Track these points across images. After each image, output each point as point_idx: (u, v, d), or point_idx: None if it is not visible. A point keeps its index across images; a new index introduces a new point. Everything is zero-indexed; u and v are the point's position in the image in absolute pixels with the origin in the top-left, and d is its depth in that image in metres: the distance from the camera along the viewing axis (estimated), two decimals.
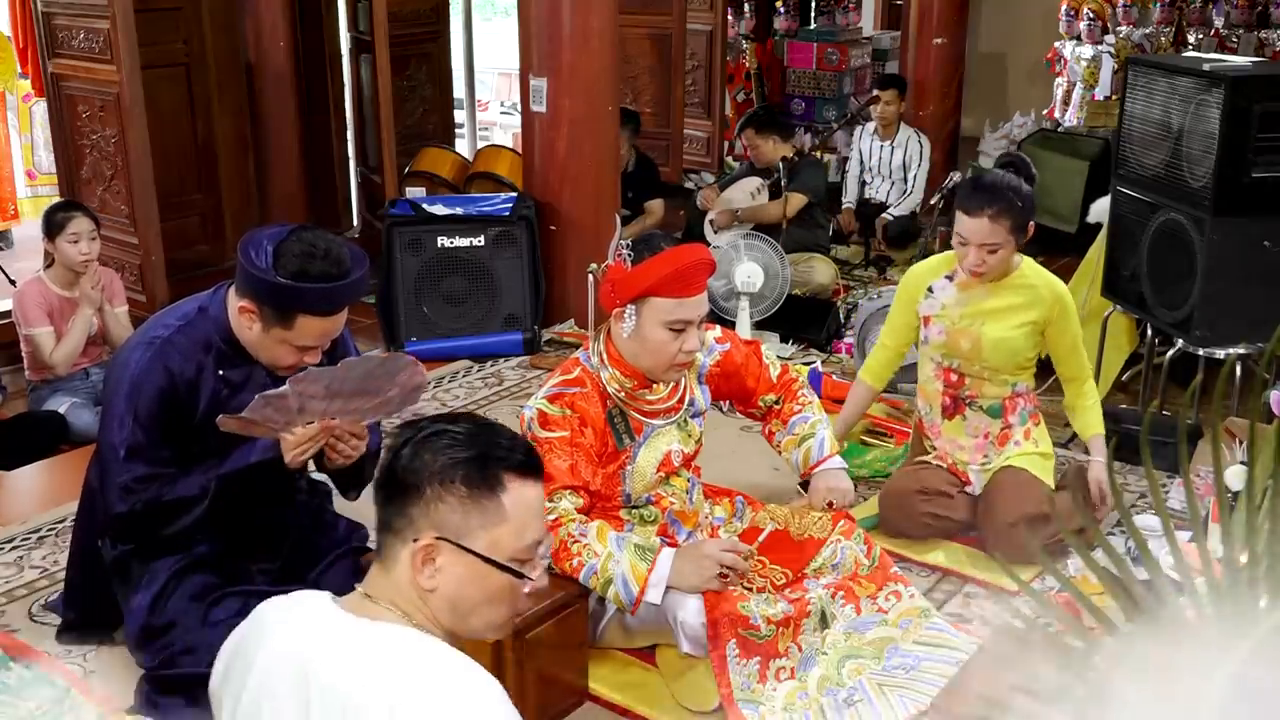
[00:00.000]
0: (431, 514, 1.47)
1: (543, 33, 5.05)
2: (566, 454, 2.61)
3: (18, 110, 6.98)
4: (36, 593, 3.13)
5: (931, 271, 3.41)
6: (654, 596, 2.56)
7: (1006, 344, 3.28)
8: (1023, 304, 3.28)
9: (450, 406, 4.46)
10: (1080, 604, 1.20)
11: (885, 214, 6.49)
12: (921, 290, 3.38)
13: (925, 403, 3.48)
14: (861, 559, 2.82)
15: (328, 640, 1.45)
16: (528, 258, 5.01)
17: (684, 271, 2.58)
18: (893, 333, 3.52)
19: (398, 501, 1.49)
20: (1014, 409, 3.36)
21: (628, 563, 2.54)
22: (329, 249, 2.45)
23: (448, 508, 1.47)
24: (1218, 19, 8.79)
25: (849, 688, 2.65)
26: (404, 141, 6.32)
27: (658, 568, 2.56)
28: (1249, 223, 3.61)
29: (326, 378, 2.38)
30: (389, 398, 2.47)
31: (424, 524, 1.48)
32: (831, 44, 8.53)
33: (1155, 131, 3.90)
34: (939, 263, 3.44)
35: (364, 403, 2.47)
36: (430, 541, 1.47)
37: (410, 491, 1.48)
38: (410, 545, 1.47)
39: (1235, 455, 2.91)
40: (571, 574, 2.56)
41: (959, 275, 3.30)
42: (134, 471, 2.53)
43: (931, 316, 3.34)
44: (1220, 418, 1.30)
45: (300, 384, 2.36)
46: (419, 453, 1.48)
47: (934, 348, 3.37)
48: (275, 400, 2.37)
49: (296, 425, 2.46)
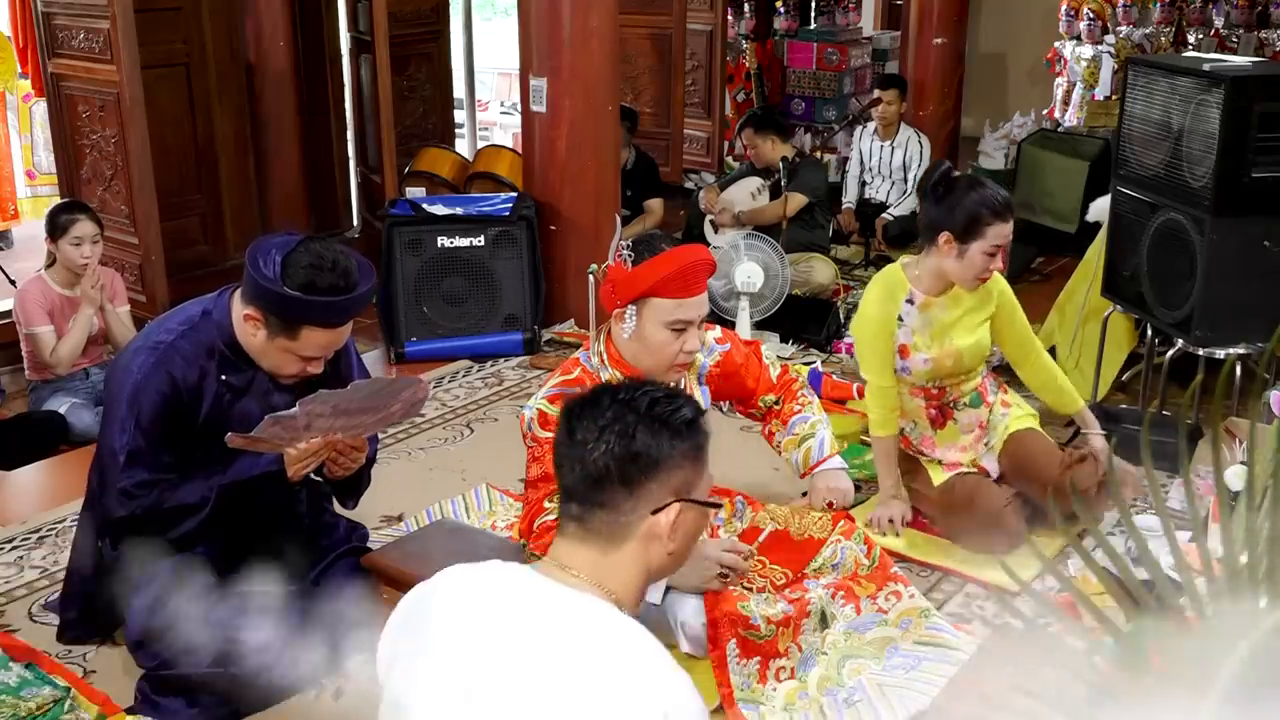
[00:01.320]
0: (670, 480, 1.54)
1: (543, 33, 5.05)
2: None
3: (18, 110, 6.97)
4: (36, 593, 3.13)
5: (890, 299, 3.31)
6: (654, 597, 2.55)
7: (978, 346, 3.35)
8: (976, 304, 3.33)
9: (450, 406, 4.46)
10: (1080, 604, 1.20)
11: (885, 214, 6.50)
12: (894, 321, 3.31)
13: (908, 421, 3.44)
14: (861, 559, 2.82)
15: (523, 603, 1.47)
16: (528, 258, 5.01)
17: (684, 272, 2.58)
18: (882, 370, 3.34)
19: (634, 483, 1.53)
20: (987, 389, 3.46)
21: None
22: (337, 261, 2.45)
23: (680, 470, 1.55)
24: (1218, 19, 8.79)
25: (849, 688, 2.65)
26: (404, 141, 6.32)
27: None
28: (1249, 223, 3.61)
29: (335, 399, 2.41)
30: (391, 412, 2.53)
31: (664, 492, 1.54)
32: (831, 44, 8.53)
33: (1155, 131, 3.90)
34: (886, 290, 3.33)
35: (368, 418, 2.52)
36: (675, 505, 1.54)
37: (649, 469, 1.53)
38: (650, 519, 1.53)
39: (1235, 455, 2.91)
40: None
41: (917, 297, 3.30)
42: (134, 477, 2.54)
43: (909, 346, 3.32)
44: (1220, 418, 1.30)
45: (309, 404, 2.38)
46: (647, 431, 1.53)
47: (919, 376, 3.35)
48: (284, 420, 2.39)
49: (301, 441, 2.48)
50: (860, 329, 3.39)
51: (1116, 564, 1.21)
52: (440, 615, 1.50)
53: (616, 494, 1.52)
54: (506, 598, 1.47)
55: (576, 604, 1.46)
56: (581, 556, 1.54)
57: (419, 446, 4.09)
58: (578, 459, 1.53)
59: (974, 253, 3.18)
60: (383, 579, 2.72)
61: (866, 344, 3.38)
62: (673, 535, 1.55)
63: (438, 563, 2.63)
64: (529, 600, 1.47)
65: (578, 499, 1.54)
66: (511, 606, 1.46)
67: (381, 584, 2.72)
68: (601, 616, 1.46)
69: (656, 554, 1.55)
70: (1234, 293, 3.66)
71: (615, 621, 1.45)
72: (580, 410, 1.55)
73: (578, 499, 1.54)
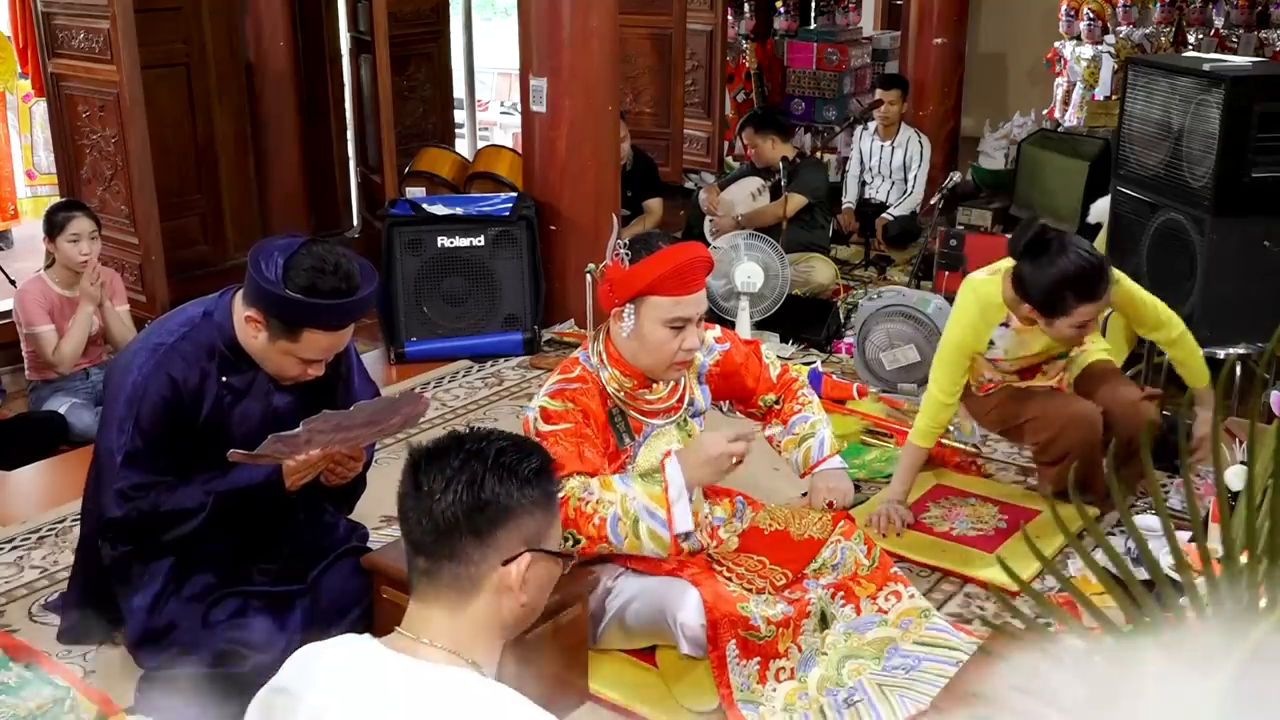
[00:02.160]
0: (520, 530, 1.49)
1: (543, 33, 5.05)
2: (573, 442, 2.60)
3: (18, 110, 6.97)
4: (36, 593, 3.13)
5: (984, 322, 3.25)
6: (683, 519, 2.51)
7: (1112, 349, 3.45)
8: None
9: (450, 406, 4.47)
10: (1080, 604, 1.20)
11: (885, 214, 6.50)
12: (983, 344, 3.29)
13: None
14: (861, 559, 2.82)
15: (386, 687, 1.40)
16: (528, 258, 5.01)
17: (682, 269, 2.58)
18: (952, 388, 3.30)
19: (483, 534, 1.48)
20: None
21: (643, 492, 2.51)
22: (339, 264, 2.46)
23: (531, 519, 1.50)
24: (1218, 19, 8.78)
25: (849, 688, 2.65)
26: (404, 141, 6.32)
27: (671, 484, 2.51)
28: (1249, 223, 3.62)
29: (338, 419, 2.42)
30: (390, 424, 2.54)
31: (514, 542, 1.49)
32: (831, 44, 8.53)
33: (1155, 131, 3.90)
34: (980, 311, 3.26)
35: (367, 430, 2.53)
36: (526, 556, 1.49)
37: (498, 519, 1.48)
38: (500, 570, 1.48)
39: (1235, 455, 2.91)
40: (598, 537, 2.50)
41: (1013, 321, 3.25)
42: (131, 479, 2.54)
43: (1000, 357, 3.32)
44: (1220, 418, 1.30)
45: (313, 423, 2.39)
46: (496, 479, 1.48)
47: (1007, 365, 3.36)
48: (286, 438, 2.41)
49: (300, 453, 2.50)
50: (945, 342, 3.32)
51: (1116, 564, 1.21)
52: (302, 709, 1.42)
53: (466, 545, 1.47)
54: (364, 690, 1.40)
55: (437, 681, 1.40)
56: (435, 621, 1.48)
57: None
58: (425, 511, 1.48)
59: (1059, 326, 3.10)
60: (383, 579, 2.72)
61: (946, 358, 3.30)
62: (524, 587, 1.49)
63: None
64: (391, 684, 1.40)
65: (425, 552, 1.49)
66: (374, 694, 1.39)
67: (381, 584, 2.72)
68: (465, 689, 1.40)
69: (509, 607, 1.49)
70: (1234, 293, 3.66)
71: (480, 692, 1.40)
72: (426, 461, 1.50)
73: (425, 552, 1.49)
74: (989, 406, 3.48)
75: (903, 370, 4.51)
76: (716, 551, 2.86)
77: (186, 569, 2.63)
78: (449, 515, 1.46)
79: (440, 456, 1.50)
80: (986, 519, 3.51)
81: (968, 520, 3.50)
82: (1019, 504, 3.57)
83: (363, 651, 1.45)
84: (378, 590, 2.73)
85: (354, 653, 1.45)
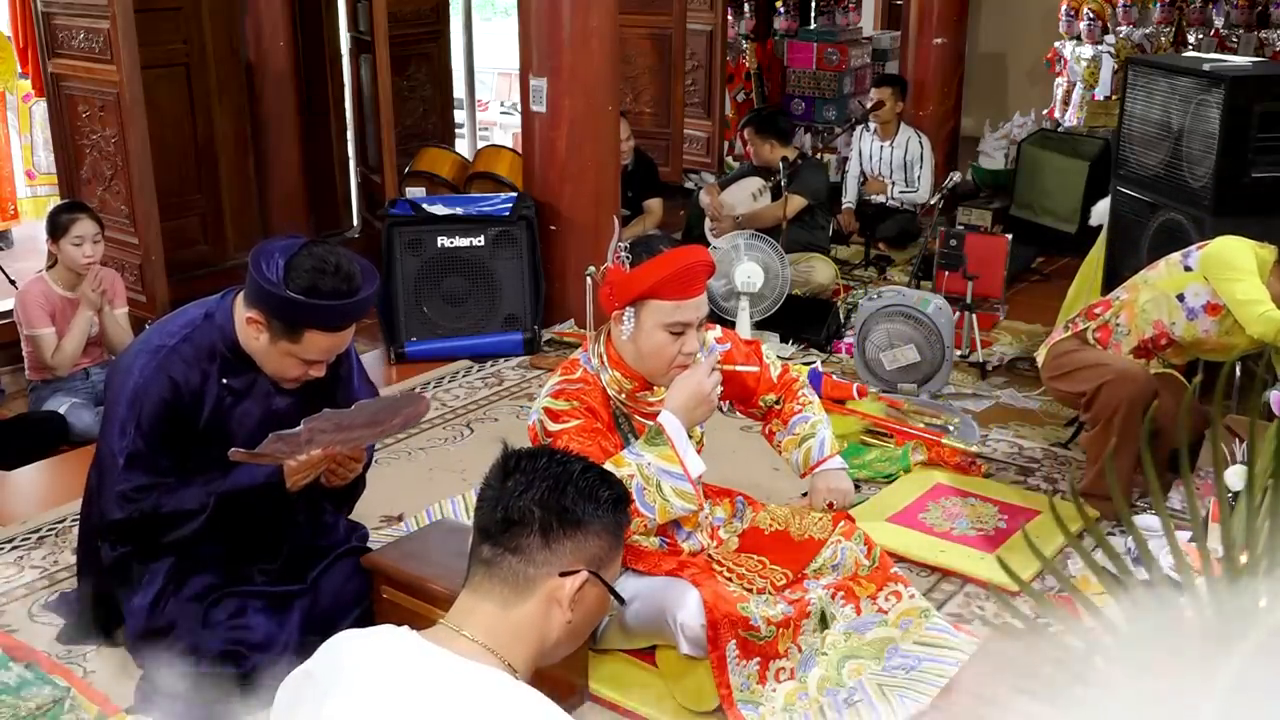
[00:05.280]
0: (584, 548, 1.52)
1: (543, 33, 5.05)
2: (588, 436, 2.59)
3: (18, 110, 6.97)
4: (36, 593, 3.13)
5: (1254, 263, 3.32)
6: (695, 464, 2.58)
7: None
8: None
9: (450, 406, 4.47)
10: (1080, 604, 1.20)
11: (887, 191, 6.50)
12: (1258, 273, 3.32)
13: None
14: (861, 559, 2.82)
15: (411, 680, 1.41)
16: (528, 258, 5.01)
17: (683, 273, 2.58)
18: (1262, 294, 3.27)
19: (550, 538, 1.50)
20: None
21: (654, 455, 2.54)
22: (340, 265, 2.46)
23: (598, 541, 1.53)
24: (1218, 19, 8.79)
25: (849, 688, 2.65)
26: (404, 141, 6.32)
27: (674, 438, 2.56)
28: (1249, 223, 3.61)
29: (338, 418, 2.43)
30: (391, 425, 2.56)
31: (576, 558, 1.51)
32: (831, 44, 8.53)
33: (1155, 131, 3.90)
34: (1254, 250, 3.32)
35: (368, 430, 2.54)
36: (584, 574, 1.51)
37: (568, 527, 1.51)
38: (556, 579, 1.50)
39: (1235, 455, 2.91)
40: (633, 514, 2.48)
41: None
42: (133, 480, 2.54)
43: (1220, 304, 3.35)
44: (1220, 418, 1.30)
45: (313, 422, 2.40)
46: (577, 491, 1.52)
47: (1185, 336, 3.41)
48: (287, 438, 2.41)
49: (301, 454, 2.50)
50: (1238, 268, 3.30)
51: (1116, 564, 1.21)
52: (330, 700, 1.42)
53: (532, 543, 1.50)
54: (395, 678, 1.41)
55: (470, 679, 1.40)
56: (480, 614, 1.49)
57: (419, 446, 4.09)
58: (503, 500, 1.51)
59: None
60: (383, 579, 2.72)
61: (1246, 271, 3.29)
62: (574, 606, 1.51)
63: (437, 563, 2.66)
64: (420, 679, 1.41)
65: (491, 540, 1.51)
66: (401, 687, 1.40)
67: (381, 584, 2.72)
68: (496, 690, 1.40)
69: (556, 622, 1.51)
70: None
71: (511, 694, 1.40)
72: (519, 458, 1.55)
73: (491, 540, 1.51)
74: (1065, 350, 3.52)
75: (903, 370, 4.51)
76: (717, 552, 2.86)
77: (186, 569, 2.63)
78: (524, 509, 1.50)
79: (533, 457, 1.55)
80: (986, 519, 3.51)
81: (968, 520, 3.50)
82: (1019, 504, 3.57)
83: (394, 642, 1.46)
84: (378, 590, 2.73)
85: (384, 643, 1.46)
